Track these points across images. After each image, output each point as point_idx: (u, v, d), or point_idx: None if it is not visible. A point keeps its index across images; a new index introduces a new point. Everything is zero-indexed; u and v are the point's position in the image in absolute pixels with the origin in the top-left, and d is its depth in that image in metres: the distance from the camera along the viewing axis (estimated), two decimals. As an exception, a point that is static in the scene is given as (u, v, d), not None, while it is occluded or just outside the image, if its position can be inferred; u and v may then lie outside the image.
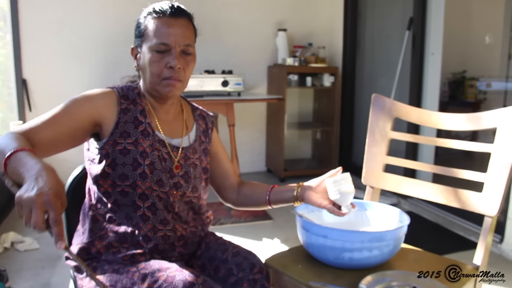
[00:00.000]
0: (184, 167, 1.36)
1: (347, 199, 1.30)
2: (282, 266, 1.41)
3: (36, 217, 0.85)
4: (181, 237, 1.35)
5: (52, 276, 2.55)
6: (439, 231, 3.28)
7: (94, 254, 1.32)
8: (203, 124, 1.50)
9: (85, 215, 1.36)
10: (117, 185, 1.27)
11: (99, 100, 1.28)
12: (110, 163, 1.26)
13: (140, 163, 1.27)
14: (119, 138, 1.27)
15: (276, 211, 3.65)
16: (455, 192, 1.51)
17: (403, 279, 1.27)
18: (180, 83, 1.30)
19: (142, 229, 1.28)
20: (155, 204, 1.29)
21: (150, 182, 1.28)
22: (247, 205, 1.52)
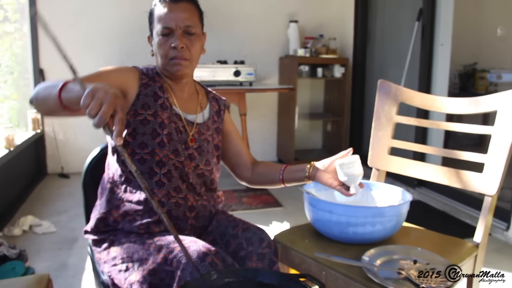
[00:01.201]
0: (198, 141, 1.46)
1: (356, 180, 1.35)
2: (289, 241, 1.48)
3: (106, 109, 0.93)
4: (192, 208, 1.42)
5: (69, 257, 2.65)
6: (446, 219, 3.33)
7: (111, 223, 1.40)
8: (216, 105, 1.59)
9: (103, 189, 1.45)
10: (136, 153, 1.37)
11: (125, 72, 1.39)
12: (131, 132, 1.36)
13: (158, 132, 1.37)
14: (140, 109, 1.37)
15: (287, 199, 3.72)
16: (457, 173, 1.57)
17: (404, 253, 1.33)
18: (186, 61, 1.39)
19: (157, 195, 1.37)
20: (171, 171, 1.38)
21: (168, 150, 1.38)
22: (261, 183, 1.59)
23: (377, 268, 1.23)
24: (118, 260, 1.33)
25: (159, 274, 1.23)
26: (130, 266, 1.30)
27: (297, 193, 1.50)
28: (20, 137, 3.74)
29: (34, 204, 3.57)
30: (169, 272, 1.21)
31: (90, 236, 1.46)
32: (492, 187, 1.46)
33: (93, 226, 1.43)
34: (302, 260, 1.41)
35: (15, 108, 4.14)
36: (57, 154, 4.43)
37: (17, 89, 4.25)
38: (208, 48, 1.54)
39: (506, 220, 2.97)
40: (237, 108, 3.87)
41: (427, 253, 1.33)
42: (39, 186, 4.09)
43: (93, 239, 1.45)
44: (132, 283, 1.26)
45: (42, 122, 4.30)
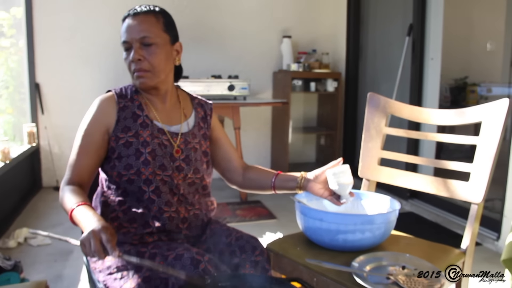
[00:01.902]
0: (185, 151, 1.47)
1: (346, 189, 1.38)
2: (282, 249, 1.51)
3: (94, 245, 1.08)
4: (185, 219, 1.45)
5: (64, 269, 2.66)
6: (439, 230, 3.37)
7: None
8: (202, 111, 1.59)
9: (97, 201, 1.48)
10: (123, 175, 1.39)
11: (101, 114, 1.42)
12: (116, 156, 1.39)
13: (142, 152, 1.39)
14: (120, 133, 1.39)
15: (281, 211, 3.75)
16: (444, 183, 1.61)
17: (393, 259, 1.37)
18: (147, 73, 1.39)
19: (150, 210, 1.39)
20: (159, 187, 1.40)
21: (153, 167, 1.39)
22: (252, 188, 1.60)
23: (366, 273, 1.27)
24: (113, 269, 1.35)
25: (154, 281, 1.25)
26: (125, 274, 1.32)
27: (291, 206, 1.52)
28: (15, 151, 3.76)
29: (29, 216, 3.58)
30: (163, 279, 1.24)
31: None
32: (478, 195, 1.50)
33: None
34: (294, 267, 1.45)
35: (10, 122, 4.17)
36: (52, 168, 4.44)
37: (12, 103, 4.28)
38: (203, 63, 1.57)
39: (496, 230, 3.01)
40: (231, 122, 3.92)
41: (415, 259, 1.36)
42: (34, 199, 4.10)
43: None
44: (127, 291, 1.28)
45: (37, 135, 4.33)
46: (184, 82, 3.74)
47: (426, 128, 3.63)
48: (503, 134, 1.47)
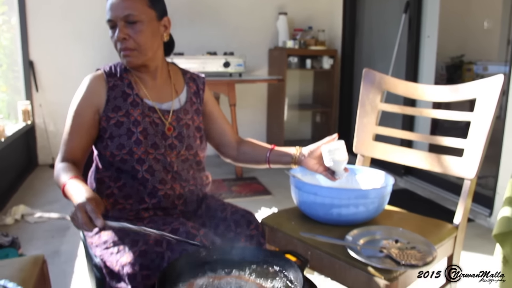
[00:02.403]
0: (177, 128, 1.46)
1: (341, 166, 1.39)
2: (276, 224, 1.53)
3: (81, 217, 1.11)
4: (180, 196, 1.45)
5: (61, 245, 2.68)
6: (432, 206, 3.41)
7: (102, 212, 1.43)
8: (194, 86, 1.57)
9: (92, 178, 1.48)
10: (116, 155, 1.38)
11: (90, 93, 1.40)
12: (108, 136, 1.38)
13: (133, 131, 1.38)
14: (111, 113, 1.38)
15: (276, 188, 3.77)
16: (438, 158, 1.62)
17: (386, 233, 1.39)
18: (133, 51, 1.36)
19: (146, 187, 1.40)
20: (152, 166, 1.40)
21: (145, 146, 1.38)
22: (247, 162, 1.60)
23: (360, 247, 1.29)
24: (110, 244, 1.36)
25: (150, 255, 1.26)
26: (121, 249, 1.33)
27: (286, 182, 1.53)
28: (10, 129, 3.75)
29: (26, 194, 3.59)
30: (159, 253, 1.25)
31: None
32: (471, 171, 1.51)
33: None
34: (288, 241, 1.47)
35: (4, 100, 4.15)
36: (48, 145, 4.44)
37: (6, 81, 4.25)
38: (198, 40, 1.54)
39: (489, 206, 3.05)
40: (227, 99, 3.91)
41: (408, 233, 1.38)
42: (30, 176, 4.11)
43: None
44: (124, 265, 1.29)
45: (32, 113, 4.31)
46: (179, 59, 3.72)
47: (422, 106, 3.64)
48: (497, 110, 1.48)
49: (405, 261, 1.21)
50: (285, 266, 0.99)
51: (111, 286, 1.36)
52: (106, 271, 1.36)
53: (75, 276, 2.31)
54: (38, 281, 1.24)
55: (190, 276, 0.96)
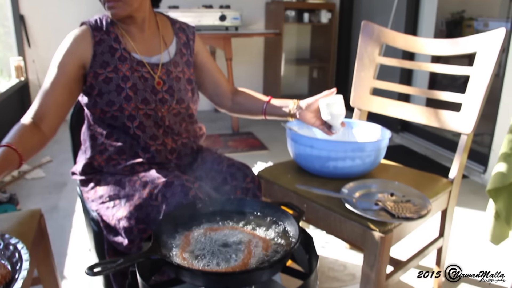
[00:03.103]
0: (167, 82, 1.42)
1: (338, 120, 1.37)
2: (272, 176, 1.54)
3: None
4: (173, 150, 1.45)
5: (59, 200, 2.70)
6: (428, 162, 3.42)
7: (96, 167, 1.43)
8: (184, 36, 1.51)
9: (85, 135, 1.46)
10: (106, 112, 1.35)
11: (75, 47, 1.32)
12: (97, 93, 1.35)
13: (122, 87, 1.34)
14: (99, 69, 1.33)
15: (272, 142, 3.78)
16: (435, 113, 1.62)
17: (382, 187, 1.40)
18: (118, 2, 1.29)
19: (138, 143, 1.39)
20: (143, 122, 1.37)
21: (135, 102, 1.35)
22: (242, 112, 1.58)
23: (355, 199, 1.30)
24: (106, 198, 1.37)
25: (145, 209, 1.27)
26: (117, 203, 1.34)
27: (283, 137, 1.52)
28: (4, 85, 3.70)
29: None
30: (154, 206, 1.25)
31: (77, 177, 1.49)
32: (468, 126, 1.51)
33: (80, 170, 1.45)
34: (284, 193, 1.47)
35: (-4, 56, 4.08)
36: (43, 102, 4.39)
37: (-3, 38, 4.16)
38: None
39: (483, 163, 3.07)
40: (223, 53, 3.85)
41: (404, 186, 1.39)
42: (25, 133, 4.08)
43: (81, 180, 1.48)
44: (120, 219, 1.30)
45: (25, 69, 4.25)
46: (174, 13, 3.64)
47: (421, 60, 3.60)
48: (497, 64, 1.46)
49: (400, 214, 1.22)
50: (281, 217, 0.99)
51: (108, 240, 1.38)
52: (103, 224, 1.37)
53: (74, 231, 2.34)
54: (36, 234, 1.25)
55: (185, 228, 0.96)
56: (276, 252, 0.87)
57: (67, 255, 2.10)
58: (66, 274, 1.95)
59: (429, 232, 2.16)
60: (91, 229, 1.55)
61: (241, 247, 0.88)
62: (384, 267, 1.29)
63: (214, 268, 0.81)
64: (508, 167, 1.44)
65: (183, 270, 0.81)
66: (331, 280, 1.90)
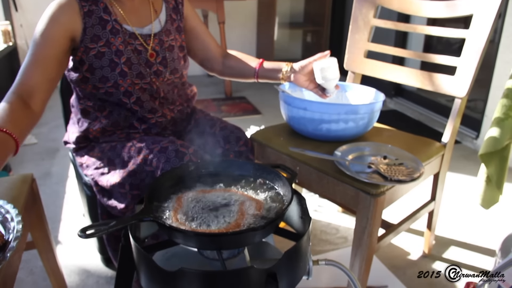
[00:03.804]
0: (160, 53, 1.38)
1: (332, 83, 1.35)
2: (265, 139, 1.53)
3: None
4: (171, 120, 1.44)
5: (52, 166, 2.69)
6: (421, 127, 3.43)
7: (92, 139, 1.41)
8: (172, 1, 1.47)
9: (75, 107, 1.43)
10: (99, 88, 1.31)
11: (62, 16, 1.23)
12: (87, 68, 1.29)
13: (116, 62, 1.29)
14: (90, 43, 1.26)
15: (265, 107, 3.77)
16: (429, 76, 1.60)
17: (375, 150, 1.39)
18: None
19: (134, 115, 1.37)
20: (140, 98, 1.35)
21: (131, 78, 1.32)
22: (233, 76, 1.56)
23: (348, 162, 1.30)
24: (100, 164, 1.36)
25: (139, 174, 1.26)
26: (112, 169, 1.33)
27: (276, 101, 1.51)
28: (-8, 50, 3.63)
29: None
30: (149, 172, 1.25)
31: (70, 145, 1.48)
32: (462, 89, 1.50)
33: (74, 140, 1.43)
34: (277, 156, 1.47)
35: (-18, 20, 3.98)
36: (32, 67, 4.32)
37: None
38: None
39: (476, 129, 3.08)
40: (215, 16, 3.78)
41: (397, 150, 1.39)
42: (16, 99, 4.04)
43: (73, 148, 1.47)
44: (114, 184, 1.30)
45: (13, 34, 4.16)
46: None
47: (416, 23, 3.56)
48: (493, 29, 1.44)
49: (392, 176, 1.23)
50: (274, 179, 0.99)
51: (102, 204, 1.38)
52: (97, 189, 1.37)
53: (67, 196, 2.34)
54: (28, 199, 1.24)
55: (178, 190, 0.96)
56: (269, 213, 0.87)
57: (61, 220, 2.11)
58: (61, 239, 1.96)
59: (420, 196, 2.18)
60: (84, 194, 1.55)
61: (233, 208, 0.88)
62: (376, 230, 1.30)
63: (206, 229, 0.81)
64: (501, 131, 1.44)
65: (176, 231, 0.80)
66: (324, 243, 1.92)
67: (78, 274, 1.72)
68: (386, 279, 1.69)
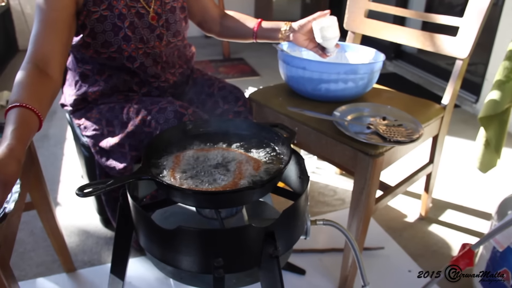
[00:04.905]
0: (163, 15, 1.34)
1: (332, 43, 1.33)
2: (264, 99, 1.51)
3: None
4: (174, 84, 1.42)
5: (49, 128, 2.68)
6: (420, 91, 3.41)
7: (90, 101, 1.39)
8: None
9: (73, 70, 1.40)
10: (101, 53, 1.28)
11: None
12: (88, 33, 1.25)
13: (120, 26, 1.25)
14: (92, 7, 1.21)
15: (264, 69, 3.74)
16: (431, 37, 1.57)
17: (374, 110, 1.38)
18: None
19: (133, 79, 1.35)
20: (144, 62, 1.32)
21: (135, 42, 1.28)
22: (231, 37, 1.54)
23: (347, 122, 1.29)
24: (98, 125, 1.35)
25: (138, 136, 1.26)
26: (111, 130, 1.33)
27: (275, 62, 1.48)
28: (-16, 10, 3.56)
29: (8, 79, 3.51)
30: (147, 133, 1.24)
31: (68, 108, 1.45)
32: (464, 50, 1.47)
33: (71, 103, 1.41)
34: (275, 116, 1.46)
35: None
36: (27, 29, 4.26)
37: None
38: None
39: (476, 93, 3.06)
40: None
41: (396, 111, 1.38)
42: (11, 62, 4.00)
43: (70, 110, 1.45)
44: (113, 145, 1.29)
45: (6, -6, 4.08)
46: None
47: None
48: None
49: (391, 137, 1.22)
50: (273, 138, 0.98)
51: (100, 164, 1.38)
52: (95, 150, 1.36)
53: (65, 158, 2.34)
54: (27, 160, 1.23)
55: (176, 149, 0.95)
56: (267, 172, 0.87)
57: (59, 182, 2.11)
58: (60, 200, 1.97)
59: (418, 159, 2.18)
60: (82, 155, 1.55)
61: (231, 167, 0.87)
62: (374, 191, 1.30)
63: (204, 187, 0.81)
64: (502, 94, 1.42)
65: (174, 189, 0.80)
66: (321, 204, 1.93)
67: (77, 235, 1.74)
68: (382, 241, 1.71)
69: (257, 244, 0.80)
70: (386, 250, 1.65)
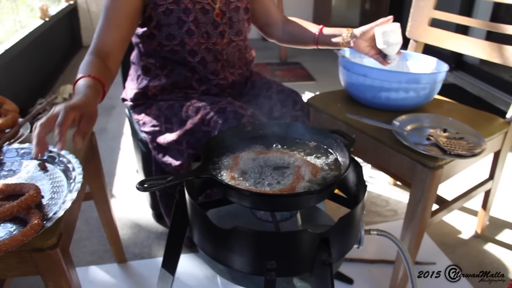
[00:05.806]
0: (227, 13, 1.37)
1: (394, 49, 1.29)
2: (322, 105, 1.50)
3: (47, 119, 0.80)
4: (233, 83, 1.44)
5: (108, 123, 2.77)
6: (481, 104, 3.28)
7: (151, 96, 1.43)
8: None
9: (136, 64, 1.45)
10: (165, 45, 1.32)
11: None
12: (155, 25, 1.30)
13: (184, 20, 1.29)
14: (159, 0, 1.27)
15: (320, 74, 3.71)
16: (498, 48, 1.51)
17: (435, 122, 1.34)
18: None
19: (193, 76, 1.37)
20: (205, 58, 1.35)
21: (197, 37, 1.32)
22: (292, 42, 1.54)
23: (407, 132, 1.26)
24: (157, 122, 1.38)
25: (196, 134, 1.28)
26: (169, 127, 1.36)
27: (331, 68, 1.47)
28: (53, 9, 3.73)
29: (72, 74, 3.66)
30: (206, 132, 1.26)
31: (128, 103, 1.51)
32: (535, 61, 1.41)
33: (132, 97, 1.46)
34: (333, 123, 1.44)
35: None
36: (91, 26, 4.43)
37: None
38: None
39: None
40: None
41: (458, 123, 1.33)
42: (75, 57, 4.17)
43: (131, 105, 1.50)
44: (171, 142, 1.32)
45: (74, -7, 4.25)
46: None
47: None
48: None
49: (452, 150, 1.18)
50: (331, 144, 0.97)
51: (157, 161, 1.41)
52: (153, 145, 1.40)
53: (122, 152, 2.41)
54: (88, 151, 1.28)
55: (235, 149, 0.96)
56: (324, 178, 0.86)
57: (115, 175, 2.18)
58: (115, 193, 2.03)
59: (477, 174, 2.10)
60: (139, 150, 1.59)
61: (289, 171, 0.87)
62: (431, 204, 1.26)
63: (262, 189, 0.81)
64: None
65: (231, 189, 0.81)
66: (373, 214, 1.90)
67: (130, 228, 1.78)
68: (434, 256, 1.65)
69: (311, 250, 0.79)
70: (437, 265, 1.60)
